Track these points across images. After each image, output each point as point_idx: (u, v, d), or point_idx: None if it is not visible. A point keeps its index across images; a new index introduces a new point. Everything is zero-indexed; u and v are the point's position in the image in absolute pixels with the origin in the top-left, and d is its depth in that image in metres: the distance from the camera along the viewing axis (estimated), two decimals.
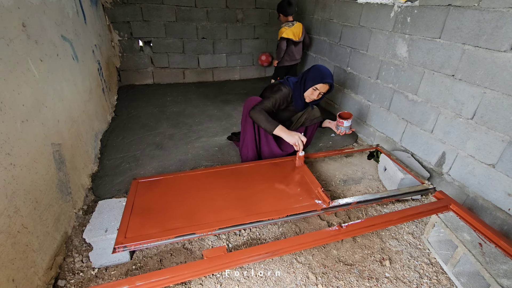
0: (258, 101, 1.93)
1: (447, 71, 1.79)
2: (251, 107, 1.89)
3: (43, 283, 1.19)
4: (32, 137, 1.26)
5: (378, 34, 2.31)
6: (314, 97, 1.89)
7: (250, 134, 2.01)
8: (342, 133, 1.99)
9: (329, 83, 1.83)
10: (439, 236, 1.54)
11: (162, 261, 1.42)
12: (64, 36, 1.85)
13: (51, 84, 1.55)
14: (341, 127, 1.96)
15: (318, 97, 1.91)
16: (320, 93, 1.88)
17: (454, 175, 1.84)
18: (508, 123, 1.50)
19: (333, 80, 1.86)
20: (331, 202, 1.52)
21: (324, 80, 1.81)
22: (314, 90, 1.87)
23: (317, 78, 1.83)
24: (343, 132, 1.97)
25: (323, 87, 1.85)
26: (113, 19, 3.45)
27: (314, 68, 1.88)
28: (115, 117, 2.91)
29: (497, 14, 1.48)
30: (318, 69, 1.86)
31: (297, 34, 3.04)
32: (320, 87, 1.84)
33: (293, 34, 3.00)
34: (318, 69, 1.87)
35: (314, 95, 1.89)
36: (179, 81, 4.11)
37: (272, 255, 1.22)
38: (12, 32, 1.21)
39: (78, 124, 1.88)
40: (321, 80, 1.82)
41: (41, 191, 1.27)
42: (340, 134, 2.00)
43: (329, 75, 1.85)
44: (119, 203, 1.50)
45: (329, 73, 1.86)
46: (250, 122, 1.96)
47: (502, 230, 1.57)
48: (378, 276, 1.38)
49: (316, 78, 1.84)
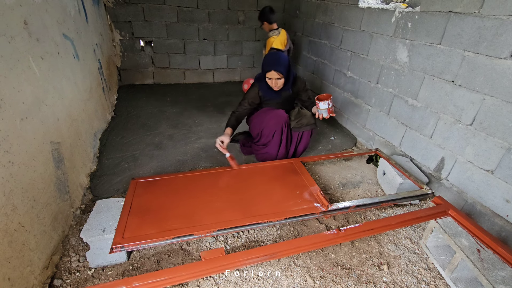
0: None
1: (447, 76, 1.80)
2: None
3: (39, 282, 1.18)
4: (31, 135, 1.25)
5: (379, 38, 2.32)
6: (275, 85, 1.95)
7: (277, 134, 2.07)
8: (320, 117, 1.93)
9: (273, 70, 1.86)
10: (437, 242, 1.54)
11: (159, 262, 1.41)
12: (65, 34, 1.85)
13: (52, 82, 1.55)
14: (318, 110, 1.90)
15: (278, 84, 1.94)
16: (276, 79, 1.91)
17: (452, 181, 1.84)
18: (507, 130, 1.51)
19: (280, 66, 1.86)
20: (330, 206, 1.52)
21: (267, 68, 1.88)
22: (268, 79, 1.94)
23: (263, 68, 1.93)
24: (320, 115, 1.92)
25: (272, 74, 1.89)
26: (115, 18, 3.45)
27: (264, 58, 1.97)
28: (115, 117, 2.91)
29: (497, 21, 1.49)
30: (265, 59, 1.96)
31: (283, 42, 2.95)
32: (270, 75, 1.90)
33: (280, 43, 2.91)
34: (265, 59, 1.95)
35: (273, 83, 1.94)
36: (180, 81, 4.11)
37: (270, 257, 1.21)
38: (13, 30, 1.21)
39: (78, 122, 1.88)
40: (266, 69, 1.90)
41: (39, 190, 1.27)
42: (319, 118, 1.94)
43: (272, 62, 1.87)
44: (117, 203, 1.50)
45: (273, 60, 1.88)
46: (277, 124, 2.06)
47: (500, 237, 1.57)
48: (376, 280, 1.37)
49: (263, 69, 1.94)
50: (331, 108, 1.88)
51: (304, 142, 2.18)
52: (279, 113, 2.03)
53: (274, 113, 2.04)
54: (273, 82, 1.93)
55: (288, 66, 1.94)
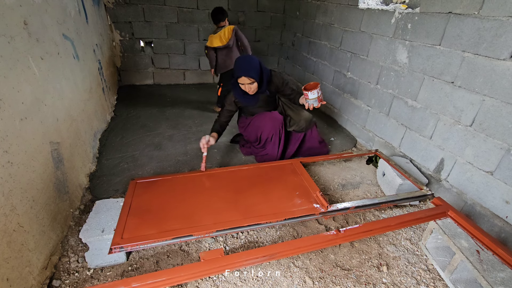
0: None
1: (447, 78, 1.80)
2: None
3: (37, 282, 1.18)
4: (30, 135, 1.25)
5: (379, 39, 2.33)
6: (249, 89, 1.90)
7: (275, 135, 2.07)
8: (311, 107, 1.82)
9: (243, 76, 1.80)
10: (436, 243, 1.54)
11: (158, 263, 1.41)
12: (65, 34, 1.85)
13: (51, 82, 1.55)
14: (308, 100, 1.79)
15: (252, 88, 1.89)
16: (248, 84, 1.86)
17: (452, 182, 1.84)
18: (506, 131, 1.51)
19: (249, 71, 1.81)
20: (329, 206, 1.52)
21: (237, 74, 1.83)
22: (241, 84, 1.89)
23: (234, 75, 1.87)
24: (311, 105, 1.81)
25: (244, 80, 1.84)
26: (115, 19, 3.45)
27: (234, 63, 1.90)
28: (115, 117, 2.91)
29: (497, 22, 1.49)
30: (234, 65, 1.89)
31: (224, 38, 2.76)
32: (241, 81, 1.85)
33: (219, 40, 2.76)
34: (235, 64, 1.88)
35: (246, 88, 1.90)
36: (180, 82, 4.11)
37: (270, 258, 1.21)
38: (13, 30, 1.21)
39: (77, 123, 1.88)
40: (236, 75, 1.85)
41: (38, 190, 1.27)
42: (310, 108, 1.84)
43: (240, 68, 1.81)
44: (117, 203, 1.49)
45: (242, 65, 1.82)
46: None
47: (500, 238, 1.57)
48: (375, 281, 1.37)
49: (234, 75, 1.88)
50: (320, 97, 1.79)
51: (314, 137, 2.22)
52: (274, 116, 2.04)
53: (268, 116, 2.05)
54: (246, 87, 1.89)
55: (259, 69, 1.87)
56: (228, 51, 2.84)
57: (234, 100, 2.02)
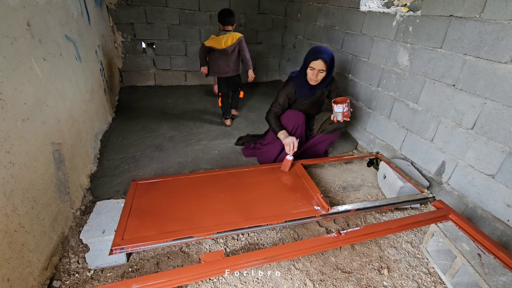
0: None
1: (448, 80, 1.80)
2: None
3: (38, 283, 1.18)
4: (32, 136, 1.25)
5: (380, 42, 2.33)
6: (315, 77, 1.92)
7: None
8: (335, 120, 1.94)
9: (321, 58, 1.84)
10: (438, 246, 1.54)
11: (159, 264, 1.41)
12: (68, 36, 1.86)
13: (54, 83, 1.55)
14: (333, 112, 1.92)
15: (318, 76, 1.92)
16: (319, 71, 1.89)
17: (453, 185, 1.84)
18: (508, 134, 1.50)
19: (328, 55, 1.87)
20: (330, 209, 1.52)
21: (315, 56, 1.84)
22: (311, 69, 1.90)
23: (309, 56, 1.89)
24: (335, 118, 1.93)
25: (318, 64, 1.87)
26: (117, 20, 3.47)
27: (309, 50, 1.95)
28: (116, 118, 2.92)
29: (498, 26, 1.49)
30: (311, 49, 1.94)
31: (225, 43, 2.60)
32: (314, 65, 1.87)
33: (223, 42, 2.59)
34: (311, 49, 1.94)
35: (314, 75, 1.92)
36: (181, 83, 4.12)
37: (270, 260, 1.21)
38: (16, 31, 1.21)
39: (79, 124, 1.88)
40: (312, 57, 1.86)
41: (39, 190, 1.27)
42: (334, 120, 1.95)
43: (320, 51, 1.87)
44: (117, 204, 1.49)
45: (321, 49, 1.89)
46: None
47: (501, 241, 1.57)
48: (376, 284, 1.37)
49: (308, 56, 1.90)
50: (346, 112, 1.88)
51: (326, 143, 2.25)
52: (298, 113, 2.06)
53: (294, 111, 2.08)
54: (314, 74, 1.91)
55: (333, 63, 1.93)
56: (226, 56, 2.67)
57: (294, 89, 2.03)
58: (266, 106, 3.49)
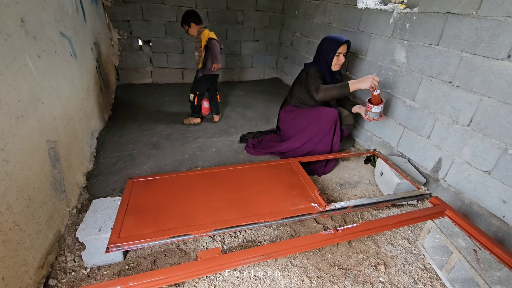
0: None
1: (445, 77, 1.80)
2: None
3: (34, 282, 1.17)
4: (27, 134, 1.24)
5: (377, 39, 2.33)
6: (341, 61, 2.08)
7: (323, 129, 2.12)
8: (370, 119, 1.96)
9: (345, 42, 2.01)
10: (434, 242, 1.55)
11: (155, 262, 1.40)
12: (63, 32, 1.84)
13: (48, 80, 1.53)
14: (369, 113, 1.92)
15: (341, 62, 2.08)
16: (343, 54, 2.06)
17: (450, 181, 1.84)
18: (504, 130, 1.51)
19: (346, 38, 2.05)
20: (327, 206, 1.52)
21: (341, 42, 2.00)
22: (337, 56, 2.05)
23: (335, 45, 2.02)
24: (371, 118, 1.94)
25: (343, 49, 2.04)
26: (113, 17, 3.44)
27: (326, 40, 2.08)
28: (112, 116, 2.90)
29: (494, 22, 1.50)
30: (330, 39, 2.07)
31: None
32: (341, 50, 2.04)
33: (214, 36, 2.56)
34: (330, 38, 2.07)
35: (340, 60, 2.07)
36: (178, 81, 4.10)
37: (267, 257, 1.21)
38: (10, 27, 1.20)
39: (75, 121, 1.87)
40: (339, 44, 2.01)
41: (34, 188, 1.26)
42: (369, 120, 1.98)
43: (339, 37, 2.05)
44: (114, 202, 1.49)
45: (338, 36, 2.08)
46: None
47: (497, 237, 1.58)
48: (373, 280, 1.37)
49: (333, 46, 2.03)
50: (381, 112, 1.92)
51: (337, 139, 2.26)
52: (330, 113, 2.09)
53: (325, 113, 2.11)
54: (339, 58, 2.06)
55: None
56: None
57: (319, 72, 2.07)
58: (263, 104, 3.50)
